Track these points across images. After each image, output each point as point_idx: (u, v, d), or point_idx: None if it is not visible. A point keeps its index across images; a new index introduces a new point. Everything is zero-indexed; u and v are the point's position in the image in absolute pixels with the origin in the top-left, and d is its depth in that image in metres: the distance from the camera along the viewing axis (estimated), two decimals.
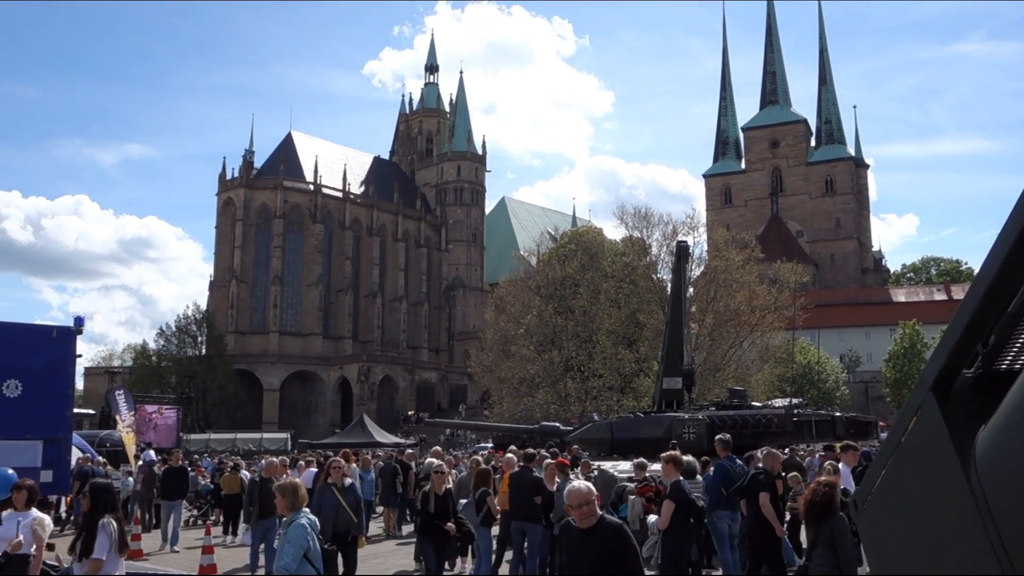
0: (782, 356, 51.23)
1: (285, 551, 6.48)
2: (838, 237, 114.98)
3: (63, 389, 12.79)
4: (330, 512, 10.53)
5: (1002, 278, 3.30)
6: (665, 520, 9.21)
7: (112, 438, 34.32)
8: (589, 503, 5.18)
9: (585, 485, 5.43)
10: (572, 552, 5.26)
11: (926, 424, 3.56)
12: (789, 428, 17.56)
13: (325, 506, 10.57)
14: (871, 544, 4.15)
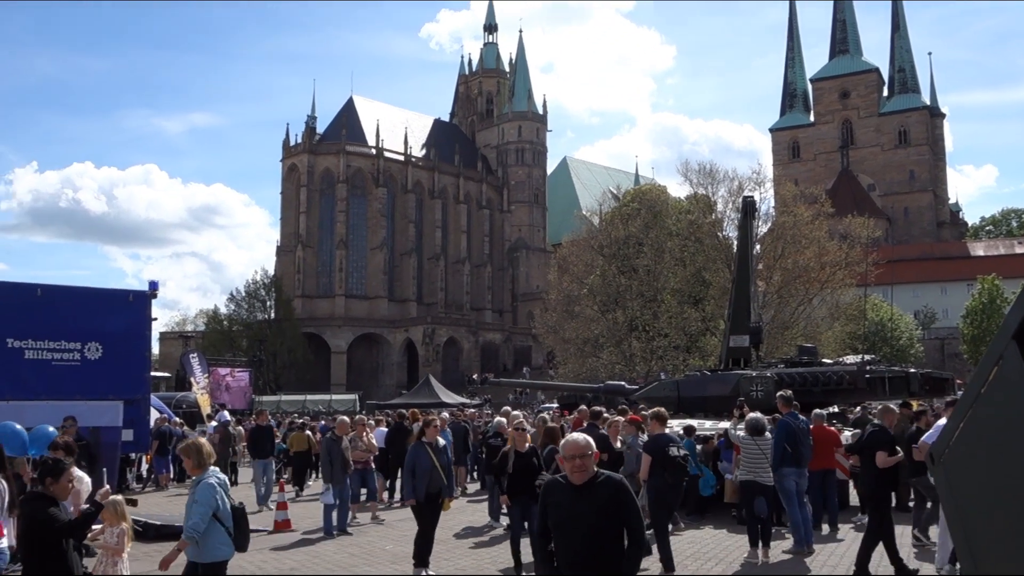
0: (853, 313, 50.21)
1: (193, 511, 6.43)
2: (912, 190, 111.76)
3: (141, 351, 13.24)
4: (425, 473, 10.33)
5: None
6: (644, 471, 10.52)
7: (188, 400, 35.38)
8: (584, 456, 4.80)
9: (583, 437, 4.98)
10: (562, 509, 4.78)
11: (1008, 373, 3.47)
12: (861, 385, 17.22)
13: (420, 466, 10.35)
14: (949, 497, 4.07)
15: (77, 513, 6.08)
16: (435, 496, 10.39)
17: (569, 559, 4.73)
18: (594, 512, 4.66)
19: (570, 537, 4.74)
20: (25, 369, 11.77)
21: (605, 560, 4.63)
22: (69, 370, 12.08)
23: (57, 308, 12.16)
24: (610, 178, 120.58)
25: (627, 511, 4.70)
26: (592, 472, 4.81)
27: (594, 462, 4.86)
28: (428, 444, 10.62)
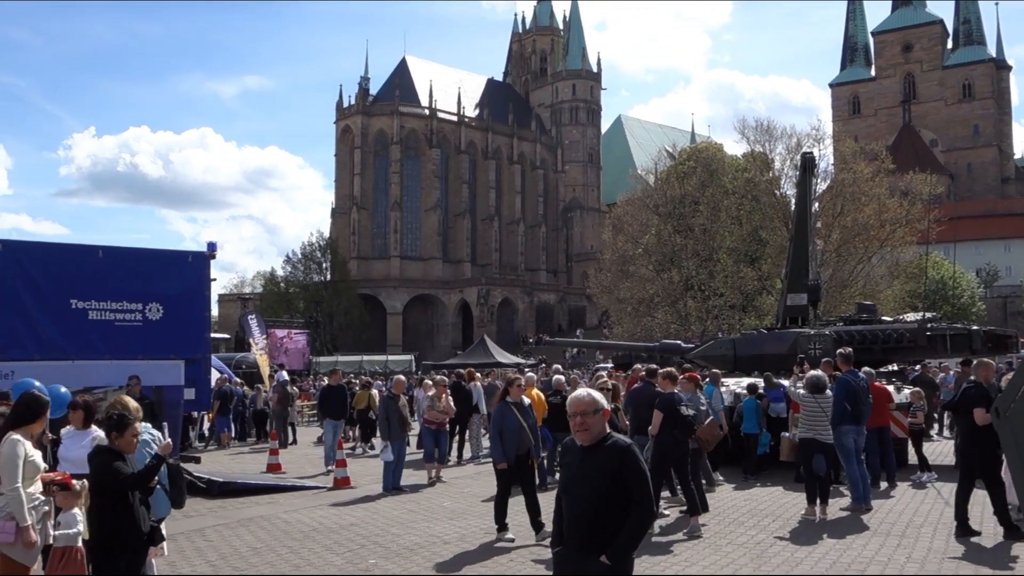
0: (913, 271, 49.14)
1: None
2: (976, 145, 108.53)
3: (201, 311, 13.48)
4: (513, 433, 9.97)
5: None
6: (655, 427, 10.46)
7: (247, 360, 36.07)
8: (584, 414, 4.51)
9: (586, 393, 4.66)
10: (571, 469, 4.61)
11: None
12: (922, 342, 16.88)
13: (508, 427, 9.98)
14: (1015, 449, 3.99)
15: None
16: (524, 457, 10.06)
17: (571, 522, 4.53)
18: (597, 475, 4.42)
19: (574, 499, 4.54)
20: (89, 329, 12.07)
21: (604, 525, 4.39)
22: (131, 330, 12.36)
23: (118, 269, 12.42)
24: (665, 136, 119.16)
25: (631, 476, 4.39)
26: (598, 432, 4.54)
27: (602, 421, 4.57)
28: (514, 404, 10.21)
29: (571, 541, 4.51)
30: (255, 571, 8.57)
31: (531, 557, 9.02)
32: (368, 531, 10.55)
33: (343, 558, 9.11)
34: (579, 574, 4.46)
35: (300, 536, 10.34)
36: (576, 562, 4.46)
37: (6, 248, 11.75)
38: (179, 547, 9.45)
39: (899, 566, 8.31)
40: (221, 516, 11.84)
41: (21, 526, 5.64)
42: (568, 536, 4.53)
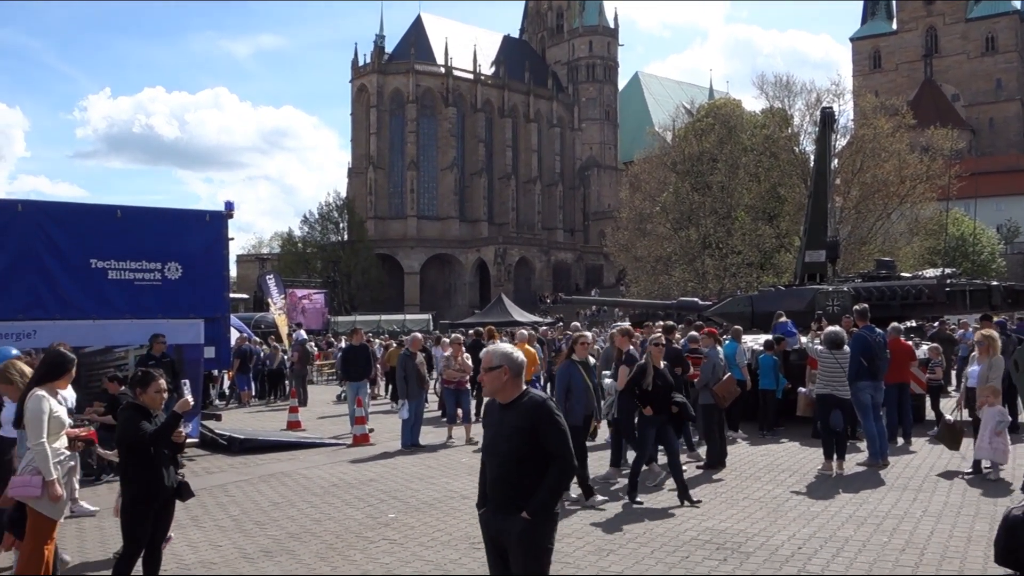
0: (933, 228, 48.75)
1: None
2: (998, 100, 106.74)
3: (219, 270, 13.54)
4: (581, 393, 9.46)
5: None
6: (622, 382, 10.31)
7: (266, 320, 36.33)
8: (492, 368, 4.47)
9: (495, 348, 4.61)
10: (491, 429, 4.57)
11: None
12: (941, 298, 16.79)
13: (575, 387, 9.45)
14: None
15: None
16: (588, 419, 9.66)
17: (493, 482, 4.48)
18: (515, 433, 4.36)
19: (494, 459, 4.49)
20: (109, 289, 12.16)
21: (524, 483, 4.33)
22: (151, 289, 12.45)
23: (137, 229, 12.47)
24: (683, 93, 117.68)
25: (547, 432, 4.34)
26: (513, 391, 4.49)
27: (504, 377, 4.48)
28: (580, 363, 9.67)
29: (493, 502, 4.48)
30: (277, 525, 8.70)
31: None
32: (387, 486, 10.68)
33: (363, 512, 9.23)
34: (502, 532, 4.41)
35: (320, 491, 10.48)
36: (499, 521, 4.42)
37: (25, 208, 11.82)
38: (202, 502, 9.60)
39: (915, 520, 8.34)
40: (243, 472, 12.01)
41: (47, 480, 5.75)
42: (491, 496, 4.50)
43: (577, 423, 9.15)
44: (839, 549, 7.36)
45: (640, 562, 7.12)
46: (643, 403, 9.41)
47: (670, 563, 7.07)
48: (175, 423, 5.92)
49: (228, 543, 8.04)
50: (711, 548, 7.50)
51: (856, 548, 7.38)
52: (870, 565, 6.87)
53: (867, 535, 7.82)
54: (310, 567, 7.18)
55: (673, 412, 9.45)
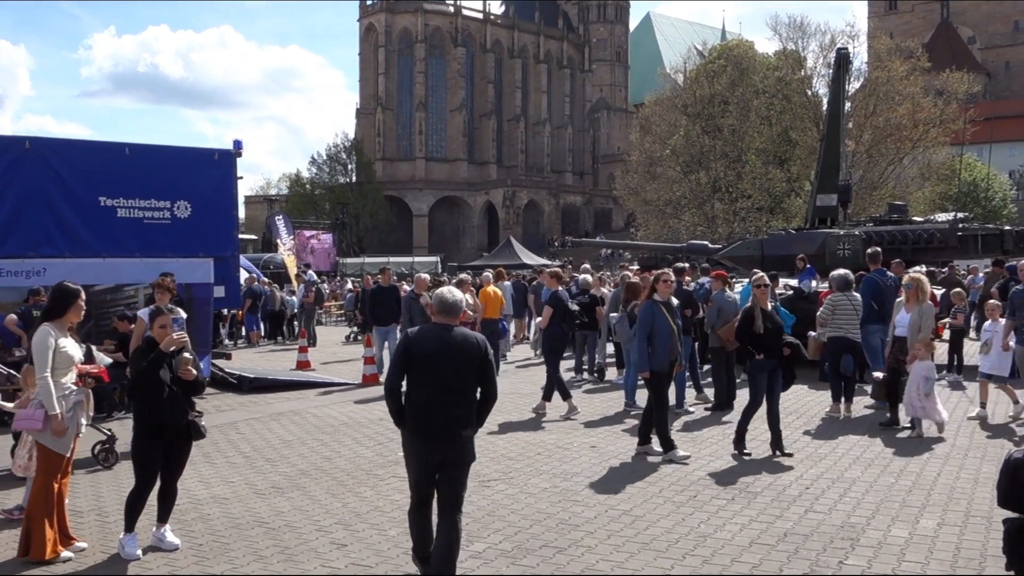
0: (946, 173, 48.32)
1: None
2: (1016, 42, 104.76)
3: (228, 209, 13.47)
4: (666, 338, 8.76)
5: None
6: (545, 321, 11.56)
7: (275, 261, 36.36)
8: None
9: (449, 292, 5.36)
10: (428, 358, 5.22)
11: None
12: (952, 243, 16.68)
13: (660, 330, 8.74)
14: None
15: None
16: (672, 365, 8.93)
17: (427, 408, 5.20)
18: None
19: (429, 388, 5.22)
20: (118, 227, 12.11)
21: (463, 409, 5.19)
22: (160, 228, 12.40)
23: (145, 167, 12.38)
24: (695, 34, 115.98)
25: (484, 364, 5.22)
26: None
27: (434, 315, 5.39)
28: (663, 303, 9.01)
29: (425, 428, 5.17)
30: (288, 462, 8.79)
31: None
32: None
33: (372, 451, 9.31)
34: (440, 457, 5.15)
35: (330, 430, 10.56)
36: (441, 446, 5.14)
37: (33, 145, 11.72)
38: (213, 440, 9.67)
39: (922, 462, 8.37)
40: (253, 411, 12.11)
41: (50, 414, 5.78)
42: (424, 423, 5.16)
43: (662, 368, 8.75)
44: (846, 490, 7.40)
45: (648, 500, 7.17)
46: (755, 347, 8.82)
47: (678, 502, 7.12)
48: (160, 360, 5.90)
49: (239, 479, 8.13)
50: (719, 488, 7.55)
51: (863, 489, 7.42)
52: (877, 505, 6.90)
53: (874, 476, 7.85)
54: (321, 503, 7.26)
55: (785, 355, 8.84)
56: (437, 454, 5.14)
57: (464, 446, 5.19)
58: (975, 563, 5.59)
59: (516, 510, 6.94)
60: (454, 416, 5.10)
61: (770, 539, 6.13)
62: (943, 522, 6.48)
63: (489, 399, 5.24)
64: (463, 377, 5.13)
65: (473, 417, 5.20)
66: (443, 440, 5.12)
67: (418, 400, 5.15)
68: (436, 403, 5.09)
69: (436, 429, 5.10)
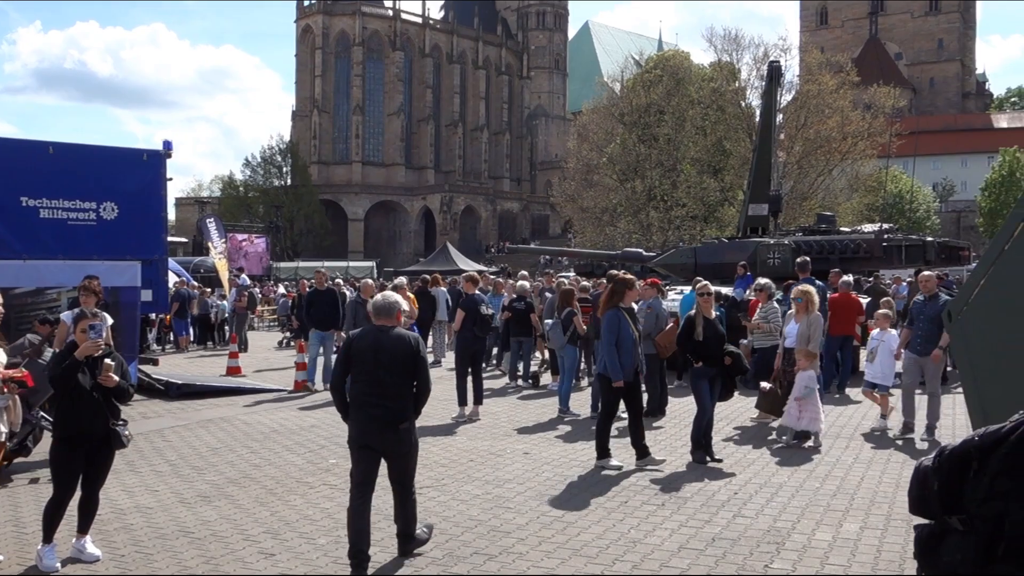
0: (873, 185, 49.66)
1: None
2: (939, 59, 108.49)
3: (157, 211, 13.17)
4: (631, 346, 8.63)
5: None
6: (457, 324, 11.82)
7: (205, 264, 35.68)
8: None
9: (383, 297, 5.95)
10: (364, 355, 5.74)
11: None
12: (878, 253, 17.18)
13: (625, 337, 8.58)
14: (964, 354, 4.06)
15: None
16: (637, 374, 8.83)
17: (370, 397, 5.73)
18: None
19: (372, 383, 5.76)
20: (41, 228, 11.74)
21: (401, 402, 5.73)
22: (85, 229, 12.06)
23: (70, 166, 12.02)
24: (633, 44, 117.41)
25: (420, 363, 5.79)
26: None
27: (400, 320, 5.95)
28: (627, 311, 8.88)
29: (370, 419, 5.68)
30: (215, 470, 8.62)
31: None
32: (329, 432, 10.63)
33: (303, 458, 9.18)
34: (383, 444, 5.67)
35: (260, 437, 10.39)
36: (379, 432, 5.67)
37: None
38: (138, 447, 9.44)
39: (847, 467, 8.56)
40: (180, 417, 11.85)
41: None
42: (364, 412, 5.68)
43: (629, 379, 8.59)
44: (773, 494, 7.53)
45: (580, 506, 7.20)
46: (695, 355, 8.92)
47: (609, 508, 7.16)
48: (75, 366, 5.74)
49: (165, 488, 7.94)
50: (650, 493, 7.62)
51: (789, 493, 7.56)
52: (802, 509, 7.04)
53: (800, 481, 8.01)
54: (249, 512, 7.13)
55: (726, 364, 8.92)
56: (376, 444, 5.63)
57: (402, 436, 5.68)
58: (895, 565, 5.73)
59: (447, 517, 6.91)
60: (390, 409, 5.59)
61: (699, 544, 6.20)
62: (865, 525, 6.63)
63: (423, 392, 5.81)
64: (398, 373, 5.61)
65: (410, 410, 5.73)
66: (381, 432, 5.60)
67: (357, 395, 5.65)
68: (373, 397, 5.58)
69: (372, 421, 5.60)
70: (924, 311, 10.09)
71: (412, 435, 5.85)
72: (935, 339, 9.88)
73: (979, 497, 1.83)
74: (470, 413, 11.45)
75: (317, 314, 14.91)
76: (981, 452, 1.84)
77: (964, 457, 1.89)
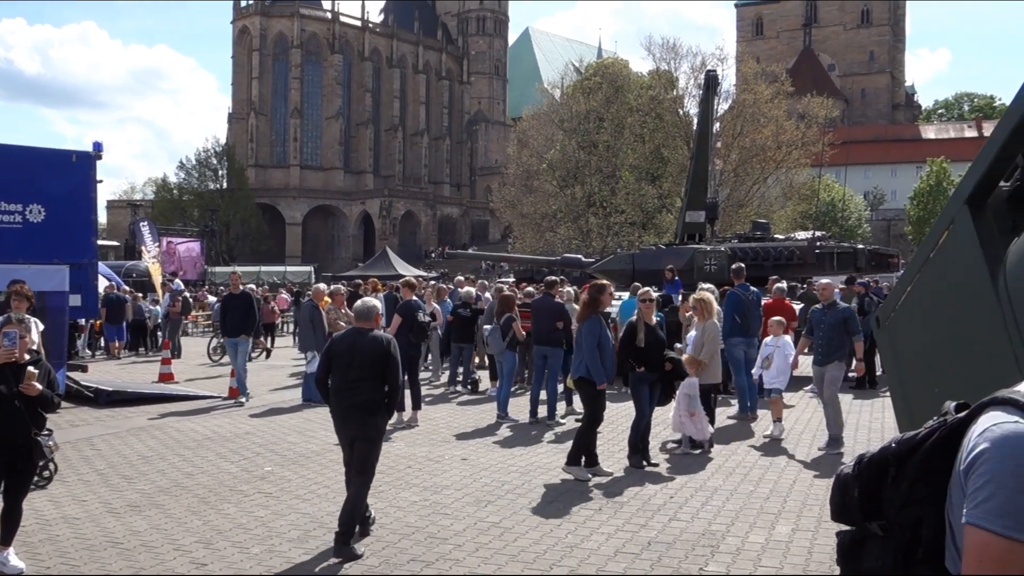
0: (806, 193, 50.68)
1: None
2: (871, 71, 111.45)
3: (86, 214, 12.86)
4: (612, 352, 8.90)
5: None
6: (392, 329, 11.35)
7: (138, 268, 34.92)
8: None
9: (363, 303, 6.74)
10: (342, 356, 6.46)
11: (958, 237, 3.47)
12: (811, 260, 17.59)
13: (606, 343, 8.76)
14: (892, 358, 4.14)
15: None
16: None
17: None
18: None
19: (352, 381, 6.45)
20: None
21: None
22: (10, 232, 11.72)
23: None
24: (572, 51, 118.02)
25: (391, 361, 6.39)
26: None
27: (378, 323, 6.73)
28: (604, 316, 9.07)
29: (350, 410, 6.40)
30: (146, 479, 8.42)
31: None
32: (264, 439, 10.48)
33: (237, 466, 9.02)
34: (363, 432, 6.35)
35: (193, 445, 10.19)
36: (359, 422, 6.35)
37: None
38: (65, 456, 9.18)
39: (779, 470, 8.71)
40: (110, 425, 11.56)
41: None
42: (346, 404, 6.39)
43: (611, 381, 8.75)
44: (708, 498, 7.62)
45: (517, 512, 7.20)
46: (636, 361, 8.97)
47: (547, 513, 7.17)
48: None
49: (93, 498, 7.73)
50: (587, 498, 7.65)
51: (724, 497, 7.65)
52: (736, 512, 7.13)
53: (735, 484, 8.12)
54: (180, 521, 6.98)
55: (666, 369, 9.05)
56: (350, 430, 6.39)
57: (369, 424, 6.35)
58: (825, 566, 5.84)
59: (384, 524, 6.85)
60: (362, 401, 6.30)
61: (635, 548, 6.24)
62: (797, 527, 6.75)
63: (393, 389, 6.51)
64: (370, 370, 6.31)
65: (380, 403, 6.38)
66: (354, 420, 6.35)
67: (335, 388, 6.43)
68: (348, 390, 6.33)
69: (348, 411, 6.36)
70: (824, 320, 9.91)
71: (380, 425, 6.46)
72: (835, 348, 9.72)
73: (897, 503, 1.87)
74: (408, 419, 11.39)
75: (231, 320, 14.27)
76: (898, 459, 1.88)
77: (882, 464, 1.92)
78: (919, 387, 3.67)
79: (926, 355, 3.67)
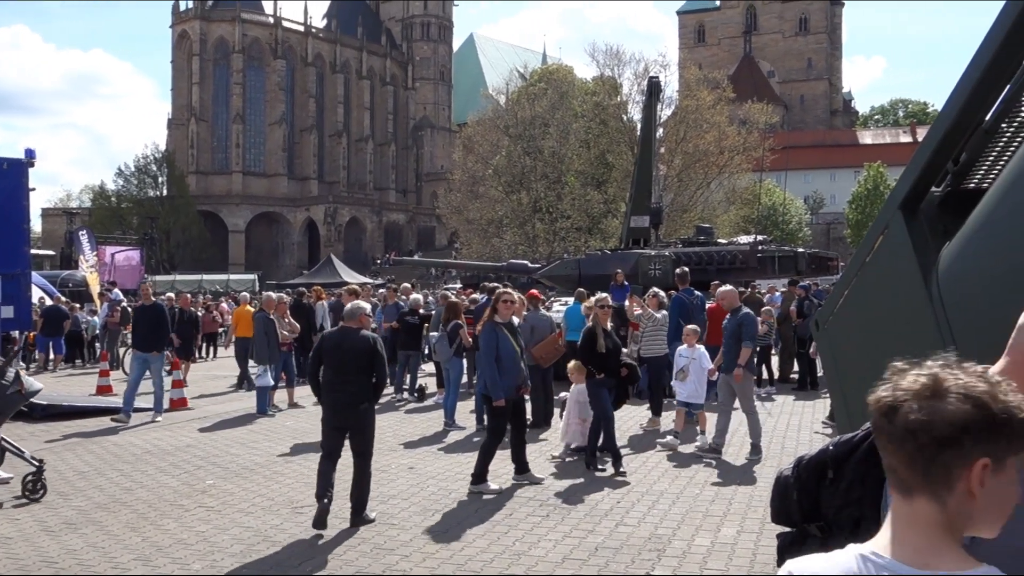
0: (748, 197, 51.49)
1: None
2: (809, 78, 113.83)
3: (18, 223, 12.46)
4: (513, 362, 8.28)
5: (979, 92, 3.19)
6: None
7: (74, 278, 34.10)
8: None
9: (350, 305, 7.45)
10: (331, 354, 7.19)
11: (892, 241, 3.53)
12: (753, 263, 17.85)
13: (505, 354, 8.22)
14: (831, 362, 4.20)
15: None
16: (518, 389, 8.44)
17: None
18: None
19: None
20: None
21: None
22: None
23: None
24: (517, 57, 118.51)
25: (377, 358, 7.13)
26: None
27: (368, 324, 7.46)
28: (504, 325, 8.44)
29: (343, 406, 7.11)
30: (83, 496, 8.20)
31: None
32: (206, 452, 10.28)
33: (178, 479, 8.84)
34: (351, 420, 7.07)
35: (132, 459, 9.96)
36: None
37: None
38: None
39: (724, 473, 8.79)
40: (44, 440, 11.25)
41: None
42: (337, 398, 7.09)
43: (511, 396, 8.22)
44: (654, 502, 7.66)
45: (464, 520, 7.16)
46: (596, 367, 8.91)
47: (495, 520, 7.14)
48: None
49: (27, 516, 7.50)
50: (534, 505, 7.64)
51: (670, 501, 7.70)
52: (683, 516, 7.18)
53: (680, 488, 8.17)
54: (119, 538, 6.80)
55: (622, 375, 9.14)
56: (341, 421, 7.06)
57: (361, 415, 7.06)
58: (769, 567, 5.88)
59: (330, 536, 6.75)
60: (351, 394, 6.98)
61: (582, 554, 6.24)
62: (742, 529, 6.81)
63: (379, 382, 7.22)
64: (357, 366, 6.99)
65: (368, 395, 7.08)
66: (344, 411, 7.03)
67: (326, 382, 7.09)
68: (338, 384, 7.01)
69: (338, 403, 7.03)
70: (727, 326, 9.83)
71: (370, 414, 7.21)
72: (736, 355, 9.61)
73: (836, 505, 1.88)
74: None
75: (140, 332, 13.20)
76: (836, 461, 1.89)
77: (820, 466, 1.94)
78: (858, 389, 3.72)
79: (863, 357, 3.72)
